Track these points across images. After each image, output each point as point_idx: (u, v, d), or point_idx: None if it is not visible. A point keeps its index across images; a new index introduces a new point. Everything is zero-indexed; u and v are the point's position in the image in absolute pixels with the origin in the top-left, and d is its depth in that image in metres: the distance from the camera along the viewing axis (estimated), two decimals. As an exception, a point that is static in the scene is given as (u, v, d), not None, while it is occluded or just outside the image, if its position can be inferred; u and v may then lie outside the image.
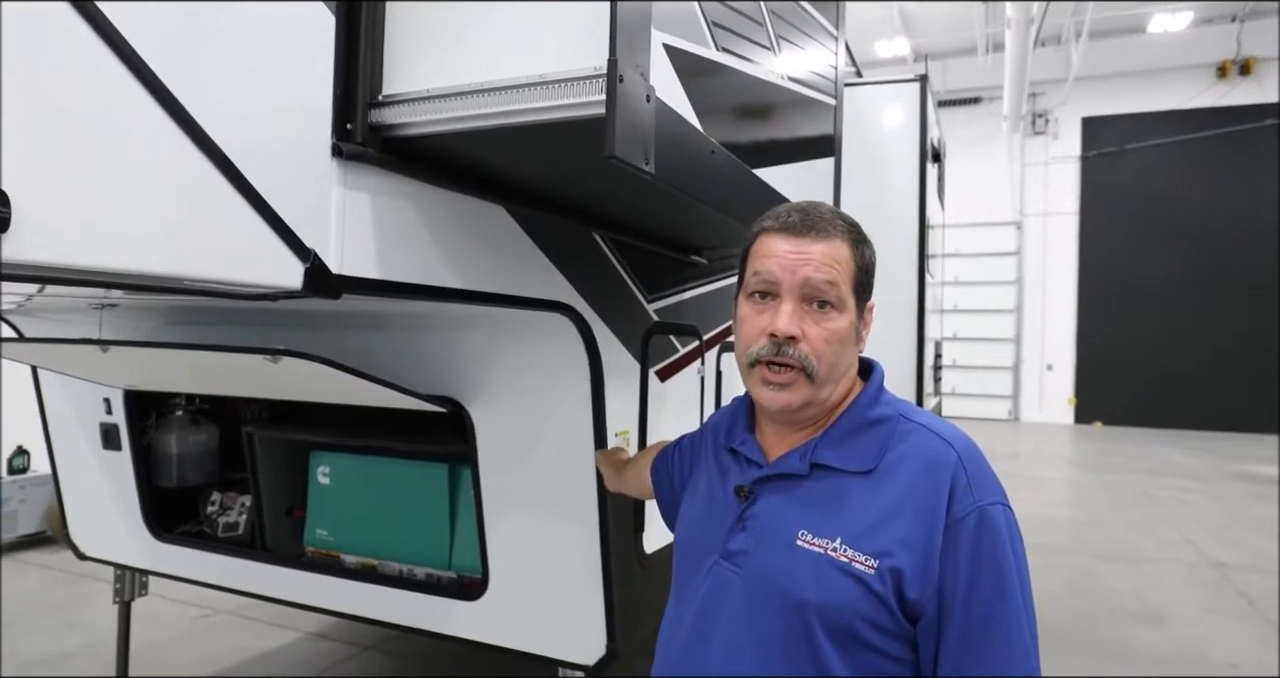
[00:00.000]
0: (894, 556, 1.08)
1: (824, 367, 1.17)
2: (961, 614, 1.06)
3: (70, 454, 3.35)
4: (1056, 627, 4.74)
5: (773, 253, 1.20)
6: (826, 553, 1.12)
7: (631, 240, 2.42)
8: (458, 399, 2.33)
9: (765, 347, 1.18)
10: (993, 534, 1.09)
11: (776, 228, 1.22)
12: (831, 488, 1.18)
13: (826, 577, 1.10)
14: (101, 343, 2.19)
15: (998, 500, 1.12)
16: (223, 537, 3.18)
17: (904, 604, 1.08)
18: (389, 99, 1.48)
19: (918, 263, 5.42)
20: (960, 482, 1.11)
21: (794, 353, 1.16)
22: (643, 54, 1.39)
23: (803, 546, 1.14)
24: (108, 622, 3.90)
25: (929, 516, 1.10)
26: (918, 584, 1.07)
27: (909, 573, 1.07)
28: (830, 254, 1.18)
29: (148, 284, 1.17)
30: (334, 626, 4.51)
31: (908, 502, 1.12)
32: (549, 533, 2.32)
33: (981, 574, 1.07)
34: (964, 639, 1.06)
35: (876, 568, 1.08)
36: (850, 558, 1.10)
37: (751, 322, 1.21)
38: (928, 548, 1.08)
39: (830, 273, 1.17)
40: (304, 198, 1.37)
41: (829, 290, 1.17)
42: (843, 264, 1.19)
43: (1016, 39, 12.27)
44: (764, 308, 1.20)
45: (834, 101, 3.06)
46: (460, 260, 1.76)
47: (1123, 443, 13.75)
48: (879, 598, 1.07)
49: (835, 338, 1.18)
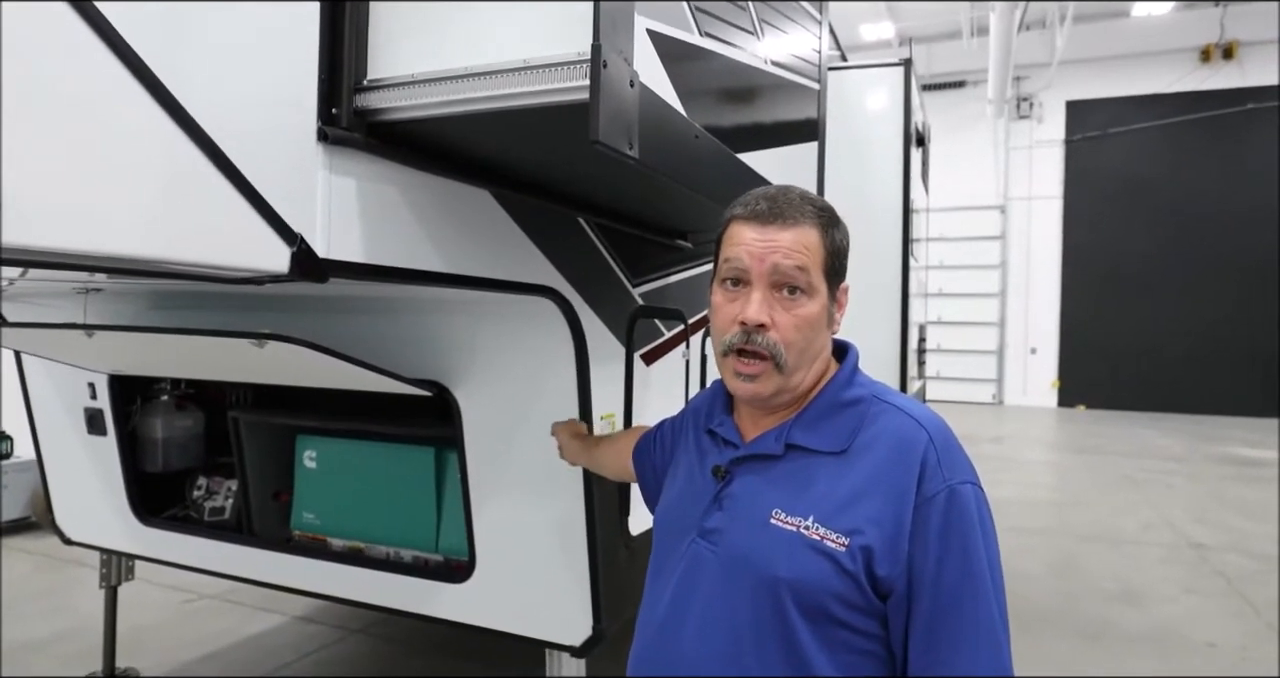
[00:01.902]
0: (864, 534, 1.10)
1: (793, 354, 1.19)
2: (931, 592, 1.08)
3: (55, 440, 3.34)
4: (1037, 607, 4.81)
5: (741, 240, 1.21)
6: (799, 531, 1.14)
7: (616, 225, 2.43)
8: (443, 383, 2.34)
9: (736, 334, 1.20)
10: (962, 513, 1.11)
11: (745, 216, 1.23)
12: (805, 468, 1.20)
13: (799, 554, 1.13)
14: (86, 328, 2.19)
15: (968, 480, 1.14)
16: (209, 521, 3.19)
17: (874, 582, 1.10)
18: (374, 84, 1.48)
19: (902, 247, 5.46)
20: (931, 461, 1.13)
21: (763, 341, 1.18)
22: (626, 39, 1.39)
23: (776, 524, 1.17)
24: (93, 607, 3.90)
25: (899, 494, 1.12)
26: (887, 562, 1.10)
27: (879, 551, 1.10)
28: (799, 240, 1.19)
29: (135, 268, 1.18)
30: (321, 609, 4.53)
31: (878, 481, 1.14)
32: (535, 516, 2.34)
33: (950, 552, 1.09)
34: (933, 617, 1.08)
35: (848, 546, 1.10)
36: (822, 536, 1.12)
37: (724, 310, 1.23)
38: (898, 526, 1.10)
39: (799, 259, 1.18)
40: (290, 182, 1.37)
41: (798, 276, 1.18)
42: (812, 249, 1.19)
43: (1001, 23, 12.30)
44: (735, 296, 1.22)
45: (818, 86, 3.07)
46: (446, 245, 1.77)
47: (1105, 426, 13.91)
48: (849, 575, 1.10)
49: (805, 324, 1.20)
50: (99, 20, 1.06)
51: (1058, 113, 16.86)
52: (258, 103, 1.33)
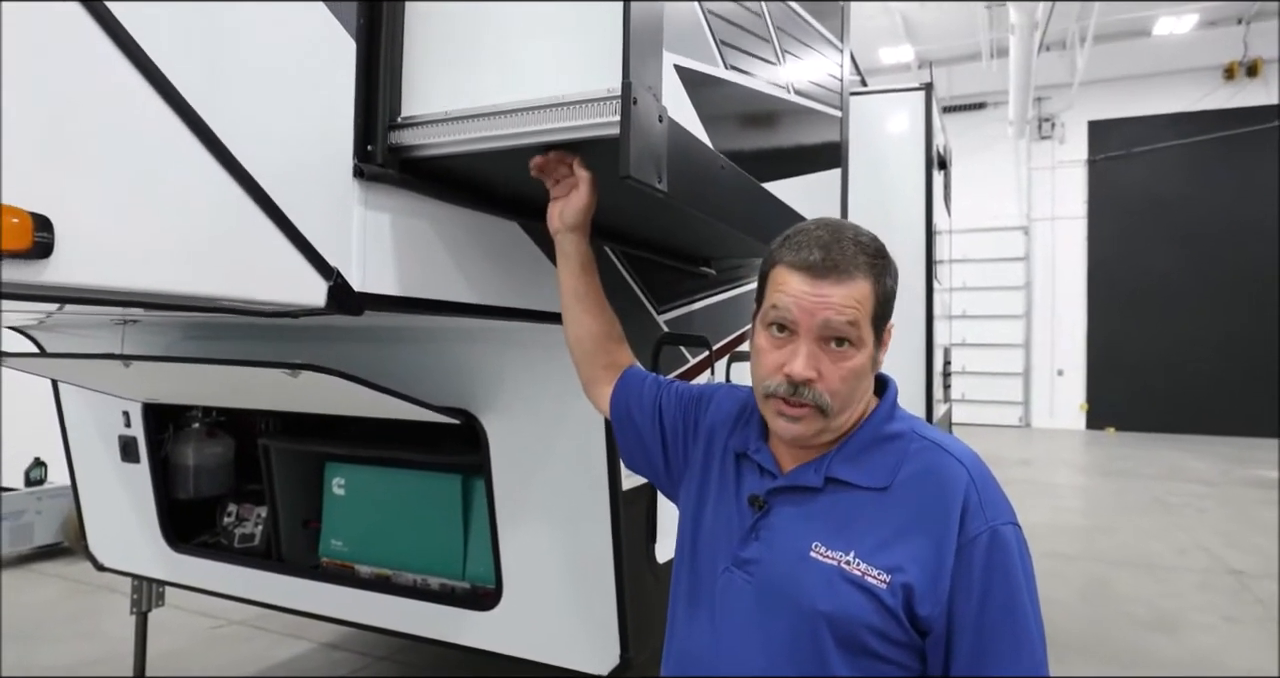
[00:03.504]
0: (905, 572, 1.11)
1: (838, 402, 1.18)
2: (974, 632, 1.09)
3: (90, 467, 3.39)
4: (1069, 635, 4.73)
5: (791, 291, 1.18)
6: (840, 566, 1.14)
7: (642, 253, 2.45)
8: (471, 411, 2.36)
9: (781, 385, 1.18)
10: (1004, 554, 1.11)
11: (796, 264, 1.18)
12: (845, 502, 1.20)
13: (839, 589, 1.13)
14: (124, 358, 2.23)
15: (1009, 521, 1.15)
16: (239, 548, 3.21)
17: (913, 619, 1.11)
18: (408, 121, 1.52)
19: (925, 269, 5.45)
20: (972, 502, 1.14)
21: (809, 394, 1.17)
22: (655, 75, 1.42)
23: (816, 558, 1.17)
24: (123, 632, 3.93)
25: (941, 534, 1.12)
26: (929, 602, 1.10)
27: (919, 589, 1.10)
28: (850, 296, 1.16)
29: (177, 304, 1.21)
30: (348, 636, 4.54)
31: (920, 520, 1.14)
32: (562, 543, 2.34)
33: (992, 594, 1.10)
34: (975, 657, 1.09)
35: (889, 583, 1.11)
36: (863, 572, 1.12)
37: (769, 356, 1.21)
38: (939, 566, 1.11)
39: (850, 314, 1.15)
40: (327, 218, 1.41)
41: (849, 331, 1.16)
42: (863, 303, 1.17)
43: (1021, 44, 12.29)
44: (781, 343, 1.20)
45: (840, 113, 3.09)
46: (476, 275, 1.80)
47: (1135, 448, 13.69)
48: (889, 611, 1.10)
49: (852, 375, 1.18)
50: (144, 61, 1.10)
51: (1080, 133, 16.78)
52: (296, 141, 1.37)
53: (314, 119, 1.40)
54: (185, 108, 1.16)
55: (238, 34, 1.25)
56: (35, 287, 0.99)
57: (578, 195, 1.54)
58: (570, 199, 1.55)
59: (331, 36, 1.43)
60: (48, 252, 0.97)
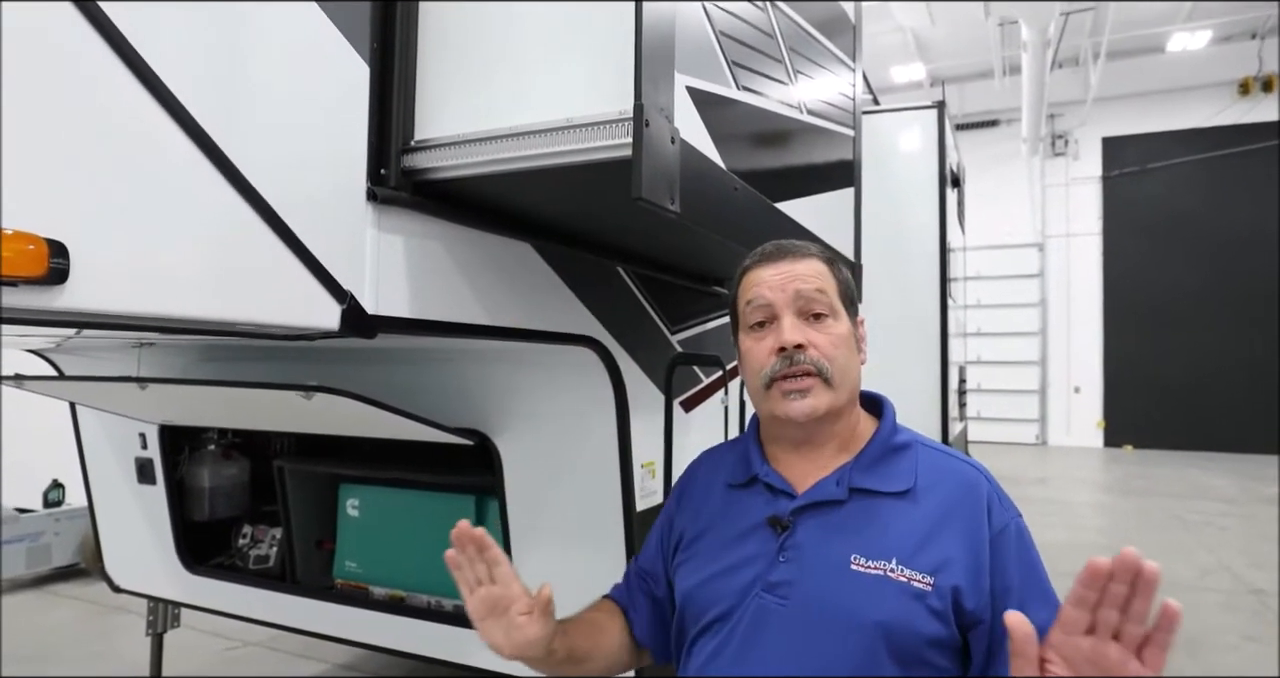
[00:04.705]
0: (947, 570, 1.14)
1: (836, 370, 1.23)
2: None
3: (106, 489, 3.40)
4: (1090, 655, 4.63)
5: (759, 280, 1.28)
6: (885, 574, 1.14)
7: (655, 273, 2.45)
8: (485, 432, 2.36)
9: (776, 363, 1.23)
10: (1028, 542, 1.20)
11: (757, 261, 1.32)
12: (872, 511, 1.21)
13: (888, 598, 1.13)
14: (140, 381, 2.24)
15: (1019, 513, 1.24)
16: (254, 569, 3.21)
17: (960, 615, 1.13)
18: (421, 144, 1.53)
19: (939, 287, 5.43)
20: (993, 498, 1.22)
21: (806, 358, 1.22)
22: (667, 97, 1.42)
23: (858, 569, 1.16)
24: (137, 653, 3.93)
25: (973, 529, 1.17)
26: (973, 595, 1.13)
27: (964, 585, 1.13)
28: (811, 268, 1.28)
29: (192, 328, 1.22)
30: (362, 658, 4.51)
31: (950, 518, 1.18)
32: (576, 564, 2.33)
33: (1027, 578, 1.16)
34: None
35: (934, 584, 1.13)
36: (908, 578, 1.14)
37: (755, 349, 1.27)
38: (977, 561, 1.15)
39: (816, 282, 1.26)
40: (340, 241, 1.42)
41: (820, 298, 1.25)
42: (825, 277, 1.28)
43: (1033, 61, 12.28)
44: (764, 334, 1.27)
45: (853, 131, 3.09)
46: (489, 297, 1.80)
47: (1153, 466, 13.51)
48: (938, 613, 1.12)
49: (840, 342, 1.25)
50: (159, 87, 1.11)
51: (1094, 149, 16.71)
52: (310, 164, 1.37)
53: (327, 142, 1.41)
54: (200, 132, 1.17)
55: (252, 59, 1.26)
56: (51, 312, 1.00)
57: (530, 626, 1.24)
58: (514, 630, 1.24)
59: (345, 60, 1.44)
60: (63, 277, 0.97)
